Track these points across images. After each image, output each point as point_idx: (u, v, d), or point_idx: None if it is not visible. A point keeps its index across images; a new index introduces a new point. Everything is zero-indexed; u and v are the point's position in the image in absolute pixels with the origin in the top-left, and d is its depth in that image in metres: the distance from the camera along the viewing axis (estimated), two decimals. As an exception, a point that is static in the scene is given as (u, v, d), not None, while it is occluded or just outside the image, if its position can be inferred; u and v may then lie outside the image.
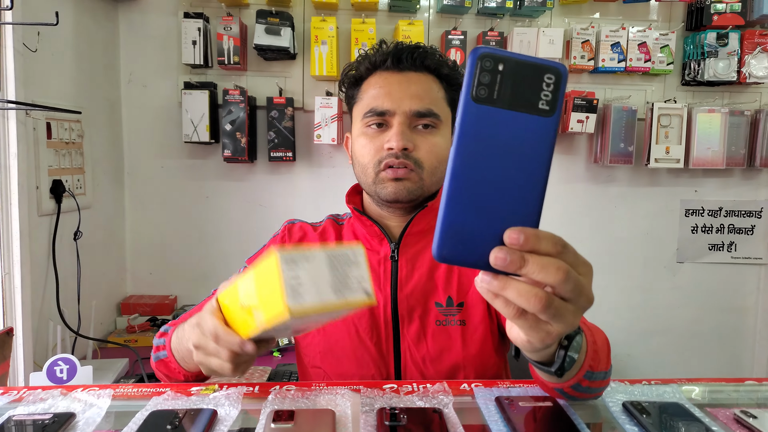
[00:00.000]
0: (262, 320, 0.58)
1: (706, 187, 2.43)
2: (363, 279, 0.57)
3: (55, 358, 0.92)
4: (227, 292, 0.68)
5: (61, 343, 1.56)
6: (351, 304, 0.56)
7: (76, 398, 0.75)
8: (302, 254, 0.55)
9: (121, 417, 0.71)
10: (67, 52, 1.82)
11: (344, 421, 0.69)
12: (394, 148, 0.94)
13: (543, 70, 0.44)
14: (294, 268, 0.54)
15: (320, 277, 0.55)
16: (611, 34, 2.14)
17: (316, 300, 0.54)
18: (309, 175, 2.26)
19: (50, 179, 1.68)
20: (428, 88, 0.99)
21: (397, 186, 0.96)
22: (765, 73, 2.18)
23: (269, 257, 0.55)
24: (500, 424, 0.71)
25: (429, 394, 0.78)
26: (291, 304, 0.53)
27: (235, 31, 2.04)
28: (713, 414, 0.74)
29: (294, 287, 0.53)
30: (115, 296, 2.18)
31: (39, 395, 0.76)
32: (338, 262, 0.56)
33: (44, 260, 1.67)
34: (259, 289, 0.59)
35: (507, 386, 0.83)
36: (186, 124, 2.08)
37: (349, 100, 1.08)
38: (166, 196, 2.25)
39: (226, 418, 0.70)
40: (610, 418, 0.74)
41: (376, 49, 1.03)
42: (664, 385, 0.83)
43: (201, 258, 2.28)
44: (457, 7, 2.06)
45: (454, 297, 0.99)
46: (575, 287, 0.47)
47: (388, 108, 0.96)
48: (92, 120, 1.95)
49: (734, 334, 2.52)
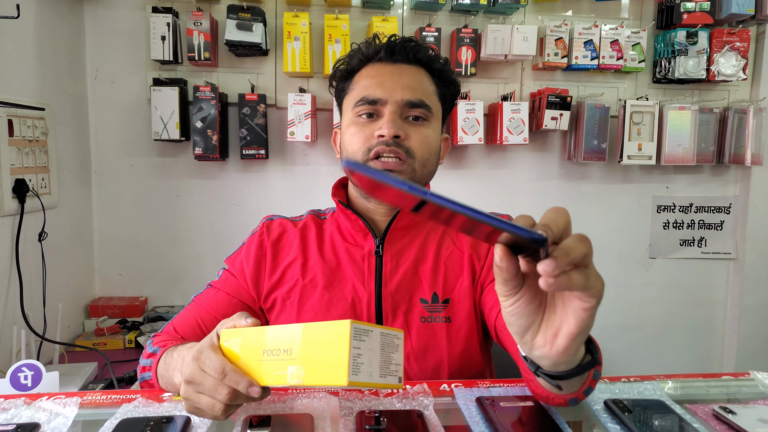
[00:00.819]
0: (301, 377, 0.59)
1: (677, 184, 2.47)
2: (400, 365, 0.61)
3: (19, 364, 0.89)
4: (239, 333, 0.66)
5: (26, 348, 1.50)
6: (384, 386, 0.60)
7: (40, 407, 0.72)
8: (365, 328, 0.58)
9: (89, 426, 0.68)
10: (29, 47, 1.76)
11: (323, 425, 0.68)
12: (385, 135, 0.93)
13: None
14: (358, 344, 0.57)
15: (373, 356, 0.59)
16: (584, 31, 2.15)
17: (367, 379, 0.58)
18: (282, 173, 2.23)
19: (12, 178, 1.62)
20: (420, 80, 0.99)
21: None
22: (733, 71, 2.22)
23: (341, 324, 0.57)
24: (481, 425, 0.70)
25: (409, 395, 0.78)
26: (352, 378, 0.56)
27: (206, 26, 2.00)
28: (693, 410, 0.75)
29: (356, 363, 0.57)
30: (83, 298, 2.12)
31: (1, 405, 0.72)
32: (386, 344, 0.60)
33: (7, 262, 1.61)
34: (308, 348, 0.60)
35: (488, 386, 0.82)
36: (155, 121, 2.03)
37: (339, 93, 1.06)
38: (136, 195, 2.20)
39: (201, 425, 0.68)
40: (591, 417, 0.74)
41: (369, 42, 1.02)
42: (645, 382, 0.84)
43: (172, 258, 2.23)
44: (431, 3, 2.05)
45: (440, 293, 0.98)
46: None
47: (380, 97, 0.95)
48: (57, 117, 1.89)
49: (705, 328, 2.57)
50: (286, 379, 0.60)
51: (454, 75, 1.05)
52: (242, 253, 1.05)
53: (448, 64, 1.04)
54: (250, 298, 1.02)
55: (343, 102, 1.05)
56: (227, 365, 0.63)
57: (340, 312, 0.96)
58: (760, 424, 0.69)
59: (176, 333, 0.98)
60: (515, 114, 2.12)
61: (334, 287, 0.98)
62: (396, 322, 0.96)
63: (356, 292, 0.98)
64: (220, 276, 1.05)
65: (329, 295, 0.97)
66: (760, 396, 0.82)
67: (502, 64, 2.22)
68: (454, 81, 1.05)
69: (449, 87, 1.04)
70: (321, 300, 0.97)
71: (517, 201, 2.36)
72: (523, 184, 2.37)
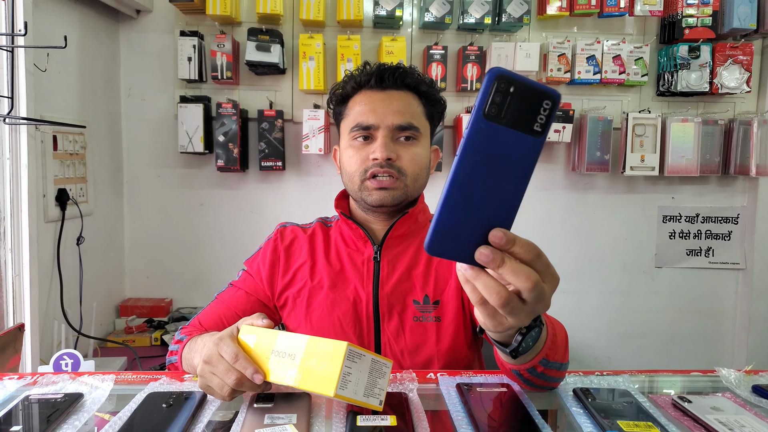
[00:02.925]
0: (298, 380, 0.70)
1: (683, 194, 2.50)
2: (383, 390, 0.71)
3: (61, 352, 1.01)
4: (255, 331, 0.78)
5: (65, 341, 1.65)
6: (365, 405, 0.70)
7: (83, 382, 0.84)
8: (359, 352, 0.69)
9: (123, 398, 0.81)
10: (72, 70, 1.93)
11: (319, 402, 0.78)
12: (379, 158, 1.04)
13: (543, 96, 0.48)
14: (351, 363, 0.68)
15: (361, 377, 0.69)
16: (586, 47, 2.24)
17: (351, 395, 0.68)
18: (298, 183, 2.35)
19: (56, 188, 1.79)
20: (408, 104, 1.09)
21: (382, 194, 1.06)
22: (736, 84, 2.27)
23: (339, 344, 0.68)
24: (458, 407, 0.78)
25: (397, 380, 0.87)
26: (338, 392, 0.66)
27: (228, 47, 2.15)
28: (654, 399, 0.81)
29: (345, 379, 0.67)
30: (114, 298, 2.27)
31: (51, 379, 0.85)
32: (375, 369, 0.70)
33: (50, 263, 1.76)
34: (309, 357, 0.71)
35: (469, 375, 0.91)
36: (181, 135, 2.18)
37: (337, 116, 1.18)
38: (163, 204, 2.34)
39: (214, 400, 0.79)
40: (560, 402, 0.81)
41: (361, 69, 1.12)
42: (617, 376, 0.90)
43: (195, 262, 2.37)
44: (438, 23, 2.16)
45: (431, 295, 1.08)
46: (538, 295, 0.54)
47: (373, 123, 1.06)
48: (94, 132, 2.06)
49: (713, 337, 2.57)
50: (285, 379, 0.71)
51: (439, 94, 1.16)
52: (259, 257, 1.17)
53: (433, 85, 1.15)
54: (266, 297, 1.14)
55: (340, 124, 1.17)
56: (241, 353, 0.75)
57: (343, 310, 1.07)
58: (711, 411, 0.75)
59: (201, 326, 1.10)
60: (519, 127, 2.20)
61: (338, 288, 1.10)
62: (391, 321, 1.07)
63: (357, 294, 1.09)
64: (240, 276, 1.18)
65: (333, 296, 1.09)
66: (721, 389, 0.87)
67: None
68: (439, 100, 1.16)
69: (436, 105, 1.15)
70: (326, 300, 1.09)
71: (522, 210, 2.32)
72: (530, 193, 2.39)
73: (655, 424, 0.70)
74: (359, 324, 1.07)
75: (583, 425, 0.72)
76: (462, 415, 0.75)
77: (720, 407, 0.78)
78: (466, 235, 0.52)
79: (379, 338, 1.07)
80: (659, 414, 0.74)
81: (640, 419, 0.72)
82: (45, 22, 1.73)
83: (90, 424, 0.72)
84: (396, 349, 1.06)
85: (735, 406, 0.78)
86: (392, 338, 1.06)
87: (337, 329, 1.07)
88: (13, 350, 1.17)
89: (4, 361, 1.16)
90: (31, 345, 1.59)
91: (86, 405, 0.77)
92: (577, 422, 0.73)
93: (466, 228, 0.51)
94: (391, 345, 1.06)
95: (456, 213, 0.50)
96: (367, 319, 1.07)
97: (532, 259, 0.53)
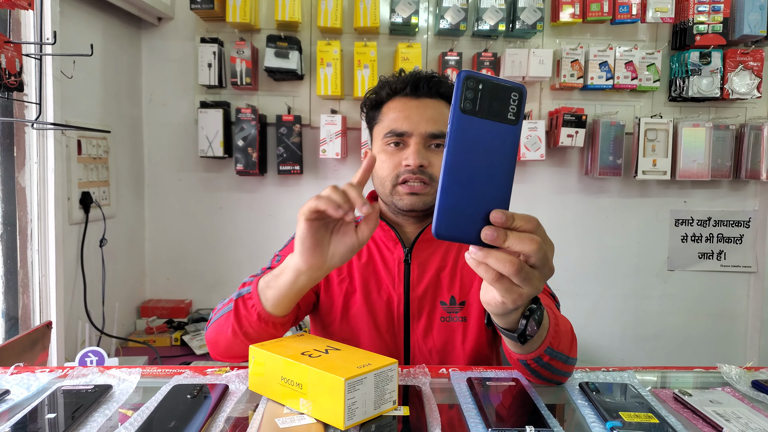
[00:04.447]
0: (310, 410, 0.72)
1: (694, 198, 2.52)
2: (393, 392, 0.72)
3: (86, 350, 1.05)
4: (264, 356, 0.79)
5: (88, 340, 1.71)
6: (380, 414, 0.71)
7: (111, 375, 0.89)
8: (359, 378, 0.69)
9: (149, 389, 0.85)
10: (96, 76, 2.00)
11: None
12: (411, 164, 1.08)
13: (510, 90, 0.56)
14: (353, 393, 0.68)
15: (368, 398, 0.70)
16: (599, 53, 2.27)
17: (362, 417, 0.69)
18: (315, 186, 2.40)
19: (80, 191, 1.85)
20: (441, 112, 1.12)
21: (413, 199, 1.09)
22: (747, 90, 2.29)
23: (337, 380, 0.68)
24: (468, 399, 0.82)
25: (411, 375, 0.91)
26: (348, 423, 0.67)
27: (247, 54, 2.20)
28: (656, 393, 0.84)
29: (351, 409, 0.68)
30: (136, 299, 2.33)
31: (80, 372, 0.90)
32: (380, 380, 0.71)
33: (74, 265, 1.82)
34: (313, 388, 0.72)
35: (480, 371, 0.94)
36: (201, 140, 2.24)
37: (370, 121, 1.20)
38: (183, 207, 2.40)
39: (236, 392, 0.84)
40: (567, 396, 0.85)
41: (396, 76, 1.16)
42: (623, 372, 0.93)
43: (214, 264, 2.42)
44: (453, 30, 2.21)
45: (457, 296, 1.12)
46: (543, 257, 0.59)
47: (407, 130, 1.10)
48: (117, 137, 2.12)
49: (725, 340, 2.59)
50: (299, 406, 0.73)
51: None
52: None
53: None
54: None
55: (373, 129, 1.19)
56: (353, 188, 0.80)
57: (378, 311, 1.11)
58: (709, 404, 0.78)
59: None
60: (532, 131, 2.25)
61: (371, 288, 1.13)
62: (420, 321, 1.11)
63: (390, 295, 1.13)
64: (279, 257, 1.15)
65: (369, 295, 1.12)
66: (721, 384, 0.90)
67: (521, 85, 2.34)
68: None
69: None
70: (362, 299, 1.11)
71: (536, 214, 2.44)
72: (542, 197, 2.47)
73: (654, 415, 0.73)
74: (392, 324, 1.11)
75: (587, 416, 0.75)
76: (472, 407, 0.79)
77: (719, 400, 0.80)
78: (469, 218, 0.57)
79: (408, 338, 1.11)
80: (660, 406, 0.77)
81: (640, 411, 0.75)
82: (70, 30, 1.80)
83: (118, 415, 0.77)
84: (424, 349, 1.09)
85: (733, 400, 0.81)
86: (420, 338, 1.10)
87: (371, 329, 1.10)
88: (42, 347, 1.22)
89: (33, 357, 1.22)
90: (56, 343, 1.64)
91: (115, 396, 0.82)
92: (582, 414, 0.77)
93: (467, 211, 0.57)
94: (419, 345, 1.10)
95: (454, 197, 0.56)
96: (398, 320, 1.11)
97: (531, 228, 0.59)
